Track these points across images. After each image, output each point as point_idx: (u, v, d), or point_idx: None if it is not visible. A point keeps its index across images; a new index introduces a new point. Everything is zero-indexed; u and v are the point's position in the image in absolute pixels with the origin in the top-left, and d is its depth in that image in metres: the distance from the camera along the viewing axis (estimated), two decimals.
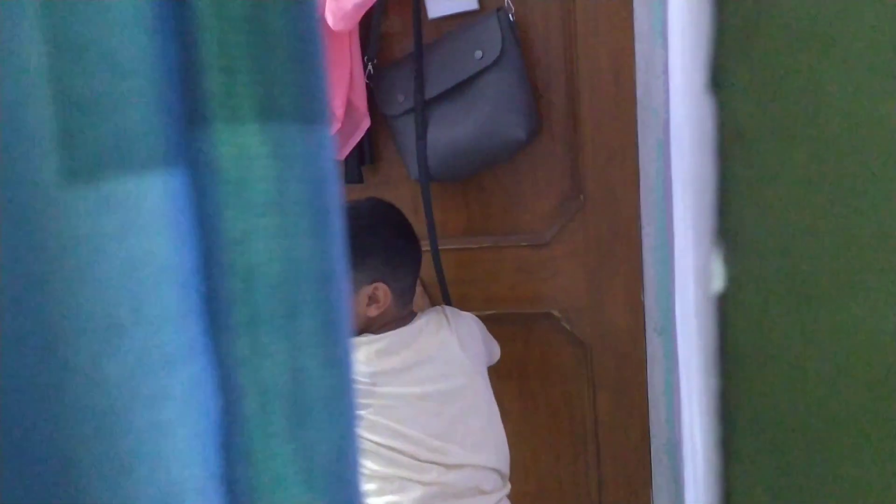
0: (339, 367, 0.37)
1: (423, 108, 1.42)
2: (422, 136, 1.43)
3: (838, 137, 0.43)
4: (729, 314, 0.46)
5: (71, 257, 0.31)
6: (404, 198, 1.54)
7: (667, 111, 1.18)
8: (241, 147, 0.33)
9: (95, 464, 0.33)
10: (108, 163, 0.31)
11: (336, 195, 0.37)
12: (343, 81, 1.40)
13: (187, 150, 0.33)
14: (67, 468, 0.33)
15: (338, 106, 1.40)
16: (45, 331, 0.32)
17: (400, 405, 1.20)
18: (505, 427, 1.30)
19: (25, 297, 0.32)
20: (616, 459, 1.57)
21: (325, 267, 0.36)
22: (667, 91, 1.22)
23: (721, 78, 0.45)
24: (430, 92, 1.42)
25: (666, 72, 1.37)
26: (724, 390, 0.46)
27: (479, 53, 1.38)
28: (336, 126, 1.41)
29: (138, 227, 0.32)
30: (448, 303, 1.49)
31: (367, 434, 1.21)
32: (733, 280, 0.45)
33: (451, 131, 1.41)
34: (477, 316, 1.38)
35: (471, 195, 1.55)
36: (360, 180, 1.52)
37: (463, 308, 1.46)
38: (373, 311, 1.24)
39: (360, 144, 1.49)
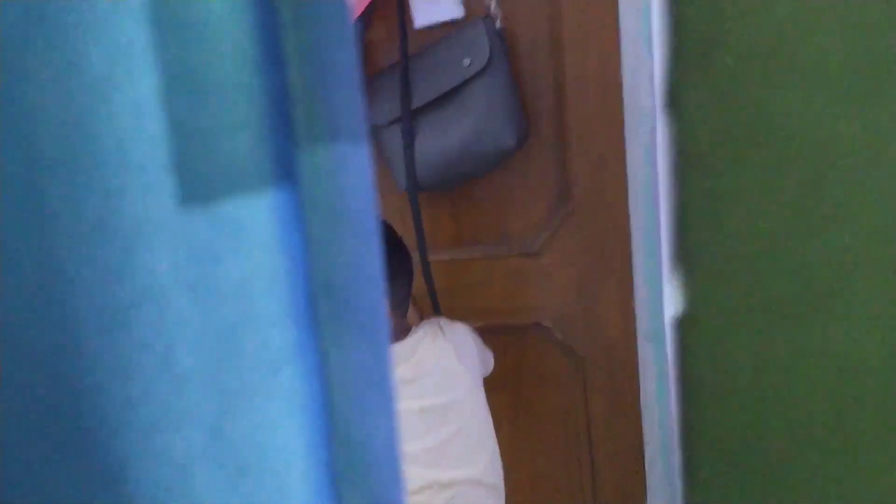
0: (386, 358, 0.41)
1: (411, 118, 1.41)
2: (409, 145, 1.42)
3: (792, 159, 0.42)
4: (687, 338, 0.43)
5: (185, 273, 0.35)
6: (389, 209, 1.53)
7: (654, 117, 1.18)
8: (317, 166, 0.37)
9: (210, 470, 0.36)
10: (220, 185, 0.35)
11: (375, 208, 0.40)
12: None
13: (289, 169, 0.36)
14: (182, 476, 0.36)
15: None
16: (160, 343, 0.35)
17: (404, 420, 1.19)
18: (498, 438, 1.29)
19: (136, 313, 0.35)
20: (611, 466, 1.56)
21: (373, 269, 0.40)
22: (653, 96, 1.22)
23: (677, 99, 0.43)
24: (418, 101, 1.41)
25: (652, 78, 1.38)
26: (684, 415, 0.45)
27: (466, 61, 1.38)
28: None
29: (249, 243, 0.36)
30: (438, 314, 1.48)
31: None
32: (691, 304, 0.43)
33: (440, 140, 1.40)
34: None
35: (459, 204, 1.54)
36: None
37: (455, 320, 1.46)
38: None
39: None
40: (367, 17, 1.47)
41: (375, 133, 1.46)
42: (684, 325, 0.48)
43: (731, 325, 0.47)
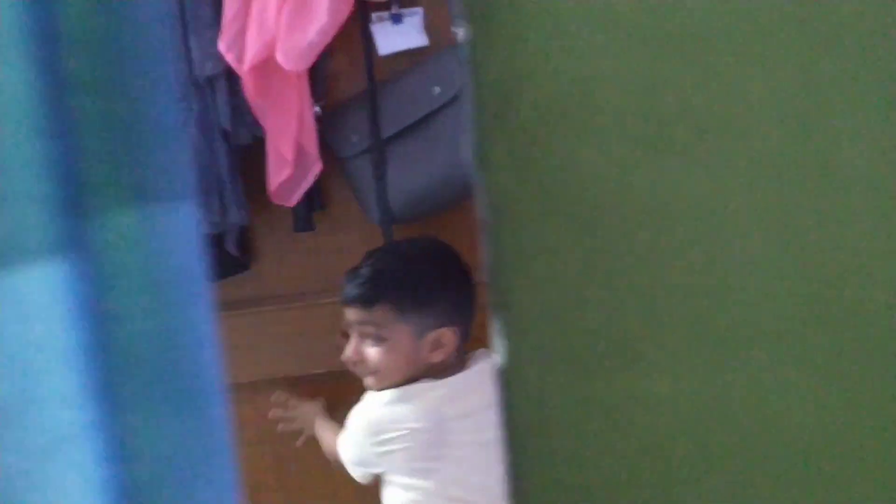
0: (220, 426, 0.41)
1: (381, 148, 1.38)
2: (381, 176, 1.40)
3: (595, 209, 0.44)
4: (508, 387, 0.47)
5: None
6: (355, 242, 1.49)
7: None
8: (121, 231, 0.36)
9: None
10: (0, 256, 0.34)
11: (202, 266, 0.40)
12: (291, 125, 1.36)
13: (73, 238, 0.35)
14: None
15: (287, 151, 1.36)
16: None
17: (471, 454, 1.16)
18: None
19: None
20: None
21: (198, 336, 0.39)
22: None
23: (483, 156, 0.46)
24: (387, 130, 1.39)
25: None
26: (510, 464, 0.47)
27: (437, 89, 1.36)
28: (286, 172, 1.37)
29: (29, 314, 0.34)
30: None
31: (444, 488, 1.18)
32: (510, 353, 0.46)
33: (413, 170, 1.39)
34: None
35: (433, 235, 1.49)
36: (312, 227, 1.47)
37: None
38: (437, 357, 1.21)
39: (308, 190, 1.44)
40: (327, 47, 1.44)
41: (343, 165, 1.43)
42: (506, 375, 0.48)
43: (549, 374, 0.47)
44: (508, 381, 0.46)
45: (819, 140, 0.41)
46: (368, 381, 1.25)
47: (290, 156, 1.36)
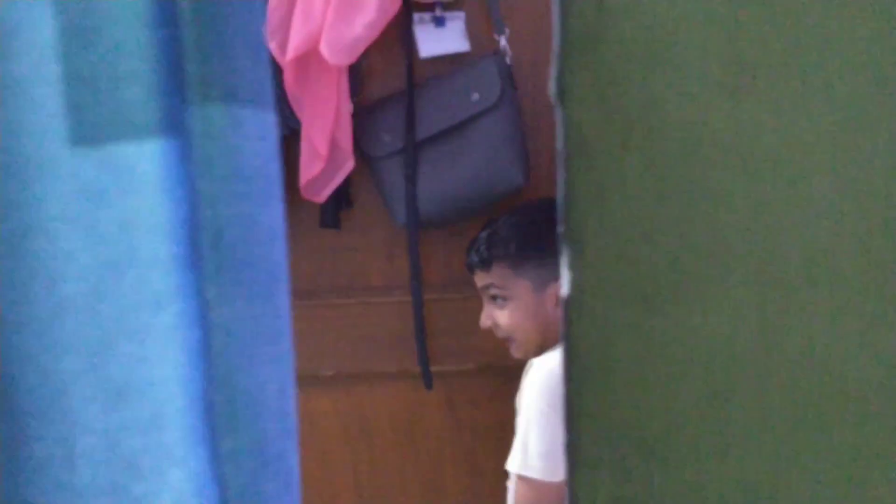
0: (284, 315, 0.44)
1: (415, 150, 1.38)
2: (412, 178, 1.39)
3: (672, 148, 0.44)
4: (573, 319, 0.48)
5: (73, 208, 0.38)
6: (378, 244, 1.49)
7: None
8: (210, 124, 0.40)
9: (88, 392, 0.38)
10: (109, 131, 0.38)
11: (279, 170, 0.44)
12: (328, 120, 1.35)
13: (174, 122, 0.39)
14: (61, 396, 0.38)
15: (321, 145, 1.35)
16: (47, 271, 0.38)
17: None
18: (483, 489, 1.21)
19: (27, 242, 0.38)
20: None
21: (272, 228, 0.43)
22: None
23: (566, 89, 0.46)
24: (421, 133, 1.39)
25: None
26: (570, 395, 0.48)
27: (476, 96, 1.36)
28: (318, 167, 1.36)
29: (134, 185, 0.38)
30: (424, 358, 1.42)
31: None
32: (577, 286, 0.47)
33: (442, 175, 1.38)
34: (458, 370, 1.37)
35: (453, 242, 1.47)
36: (337, 225, 1.46)
37: (443, 361, 1.44)
38: (558, 313, 1.21)
39: (337, 187, 1.40)
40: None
41: (371, 164, 1.42)
42: (571, 307, 0.48)
43: (613, 308, 0.47)
44: (573, 314, 0.47)
45: None
46: (512, 349, 1.27)
47: (324, 150, 1.34)
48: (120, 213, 0.38)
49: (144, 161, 0.38)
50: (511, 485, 1.20)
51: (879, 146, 0.41)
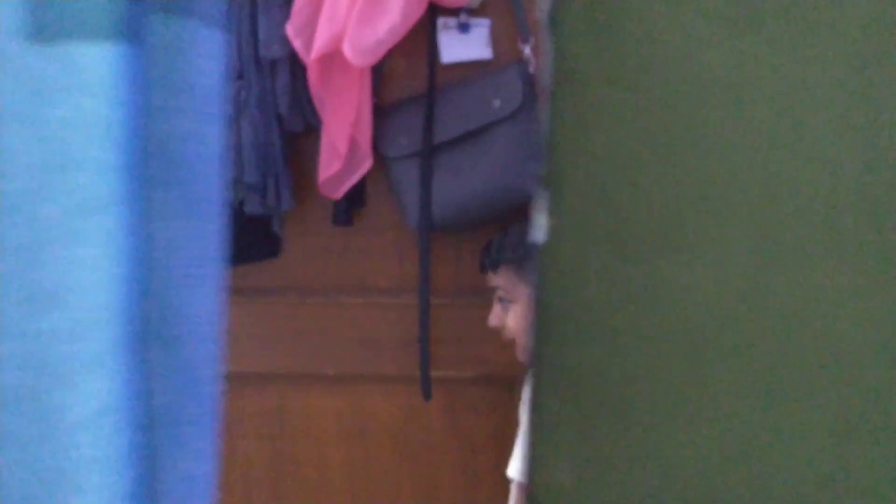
0: (218, 240, 0.44)
1: (431, 153, 1.39)
2: (427, 182, 1.39)
3: (664, 84, 0.42)
4: (546, 266, 0.45)
5: (21, 104, 0.37)
6: (388, 245, 1.48)
7: None
8: (169, 36, 0.40)
9: (15, 295, 0.37)
10: (67, 29, 0.37)
11: (223, 91, 0.44)
12: (349, 119, 1.36)
13: (136, 30, 0.38)
14: None
15: (341, 144, 1.36)
16: None
17: None
18: (479, 497, 1.19)
19: None
20: None
21: (216, 148, 0.43)
22: None
23: (558, 16, 0.44)
24: (439, 136, 1.39)
25: None
26: (536, 349, 0.46)
27: (497, 103, 1.35)
28: (337, 165, 1.37)
29: (85, 86, 0.37)
30: (426, 365, 1.41)
31: None
32: (554, 231, 0.44)
33: (458, 180, 1.37)
34: (460, 378, 1.35)
35: (464, 248, 1.47)
36: (350, 223, 1.46)
37: (447, 369, 1.42)
38: None
39: (351, 186, 1.41)
40: None
41: (386, 165, 1.43)
42: (546, 251, 0.45)
43: (588, 255, 0.44)
44: (547, 260, 0.45)
45: None
46: (517, 352, 1.26)
47: (343, 149, 1.35)
48: (68, 112, 0.37)
49: (99, 63, 0.38)
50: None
51: (885, 92, 0.38)
